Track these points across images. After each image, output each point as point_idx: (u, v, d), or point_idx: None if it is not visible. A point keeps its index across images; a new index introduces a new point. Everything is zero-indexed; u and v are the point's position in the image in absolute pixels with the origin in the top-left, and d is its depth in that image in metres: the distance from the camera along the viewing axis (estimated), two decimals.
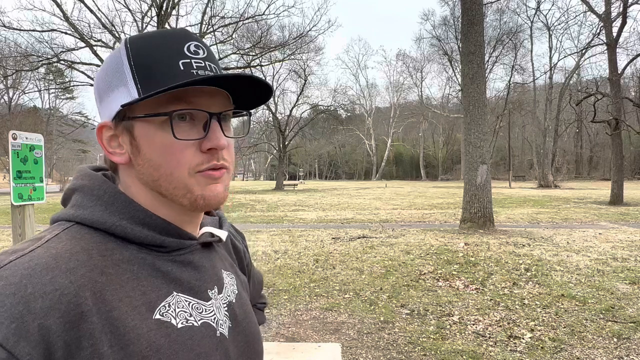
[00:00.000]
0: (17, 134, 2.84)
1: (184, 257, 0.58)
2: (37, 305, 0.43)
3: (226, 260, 0.70)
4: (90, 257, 0.49)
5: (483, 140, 9.20)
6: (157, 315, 0.51)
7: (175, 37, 0.55)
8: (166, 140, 0.53)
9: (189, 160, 0.53)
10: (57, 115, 44.93)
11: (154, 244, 0.55)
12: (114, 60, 0.55)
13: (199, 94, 0.53)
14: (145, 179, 0.55)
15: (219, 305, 0.61)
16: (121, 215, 0.53)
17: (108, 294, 0.48)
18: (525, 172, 47.61)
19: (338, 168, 72.09)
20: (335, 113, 41.15)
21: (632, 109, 31.99)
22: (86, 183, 0.56)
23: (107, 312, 0.47)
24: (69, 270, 0.46)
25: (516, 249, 6.93)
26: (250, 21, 19.97)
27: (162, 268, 0.55)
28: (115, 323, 0.47)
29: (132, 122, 0.54)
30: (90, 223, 0.52)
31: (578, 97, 22.78)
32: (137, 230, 0.53)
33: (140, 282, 0.52)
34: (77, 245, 0.49)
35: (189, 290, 0.57)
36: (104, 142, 0.57)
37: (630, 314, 4.02)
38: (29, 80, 38.37)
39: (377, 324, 3.91)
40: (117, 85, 0.54)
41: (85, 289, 0.46)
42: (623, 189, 15.77)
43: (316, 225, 10.68)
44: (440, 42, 40.45)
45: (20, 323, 0.41)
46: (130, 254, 0.53)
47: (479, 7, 9.39)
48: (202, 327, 0.56)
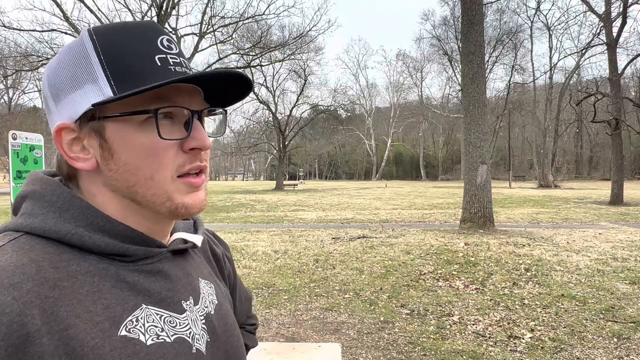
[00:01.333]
0: (17, 134, 2.84)
1: (152, 266, 0.52)
2: None
3: (204, 268, 0.65)
4: (39, 270, 0.43)
5: (483, 140, 9.20)
6: (123, 331, 0.46)
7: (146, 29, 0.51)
8: (147, 141, 0.48)
9: (171, 162, 0.49)
10: None
11: (117, 253, 0.49)
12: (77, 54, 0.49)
13: (178, 91, 0.50)
14: (118, 185, 0.50)
15: (195, 317, 0.55)
16: (77, 222, 0.48)
17: (62, 310, 0.42)
18: (525, 172, 47.61)
19: (338, 168, 72.09)
20: (335, 113, 41.14)
21: (632, 109, 31.98)
22: (37, 188, 0.50)
23: (61, 330, 0.41)
24: (12, 286, 0.40)
25: (516, 249, 6.93)
26: (250, 21, 20.00)
27: (128, 279, 0.49)
28: (71, 343, 0.41)
29: (103, 122, 0.48)
30: (42, 232, 0.46)
31: (578, 97, 22.79)
32: (96, 238, 0.48)
33: (102, 295, 0.46)
34: (25, 257, 0.43)
35: (160, 302, 0.51)
36: (64, 147, 0.50)
37: (630, 314, 4.02)
38: (29, 80, 38.31)
39: (377, 324, 3.91)
40: (84, 82, 0.48)
41: (32, 306, 0.40)
42: (623, 189, 15.77)
43: (316, 225, 10.68)
44: (440, 42, 40.47)
45: None
46: (90, 265, 0.47)
47: (479, 7, 9.39)
48: (176, 343, 0.50)
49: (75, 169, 0.51)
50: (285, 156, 33.48)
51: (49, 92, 0.51)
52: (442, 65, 45.96)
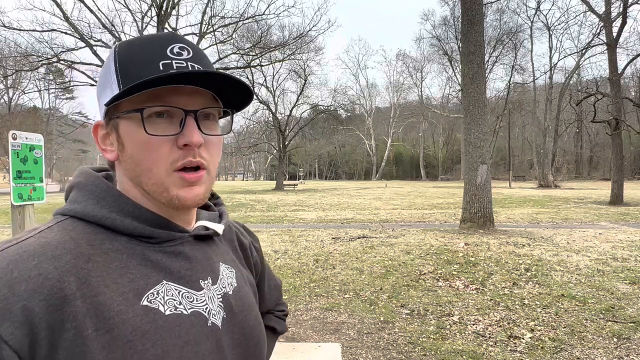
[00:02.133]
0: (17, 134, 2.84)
1: (174, 248, 0.59)
2: (20, 288, 0.45)
3: (227, 255, 0.71)
4: (77, 246, 0.52)
5: (483, 140, 9.20)
6: (145, 301, 0.53)
7: (161, 39, 0.57)
8: (143, 137, 0.54)
9: (165, 156, 0.55)
10: (57, 115, 44.95)
11: (143, 235, 0.57)
12: (106, 64, 0.59)
13: (176, 93, 0.55)
14: (130, 175, 0.58)
15: (212, 295, 0.61)
16: (111, 208, 0.56)
17: (93, 279, 0.50)
18: (525, 172, 47.59)
19: (338, 168, 72.08)
20: (335, 113, 41.12)
21: (632, 109, 31.97)
22: (82, 180, 0.60)
23: (92, 296, 0.49)
24: (55, 257, 0.49)
25: (516, 249, 6.93)
26: (250, 21, 19.98)
27: (152, 258, 0.56)
28: (100, 307, 0.49)
29: (118, 120, 0.57)
30: (83, 216, 0.56)
31: (578, 97, 22.78)
32: (126, 222, 0.56)
33: (129, 270, 0.54)
34: (67, 235, 0.52)
35: (180, 280, 0.58)
36: (99, 140, 0.60)
37: (630, 314, 4.02)
38: (29, 80, 38.37)
39: (377, 324, 3.91)
40: (106, 87, 0.57)
41: (69, 274, 0.48)
42: (623, 189, 15.76)
43: (316, 225, 10.68)
44: (440, 42, 40.45)
45: (4, 305, 0.44)
46: (120, 244, 0.55)
47: (479, 7, 9.39)
48: (192, 315, 0.56)
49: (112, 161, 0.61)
50: (285, 156, 33.47)
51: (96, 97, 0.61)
52: (442, 65, 45.96)
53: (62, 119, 44.36)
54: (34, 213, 3.01)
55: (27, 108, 38.23)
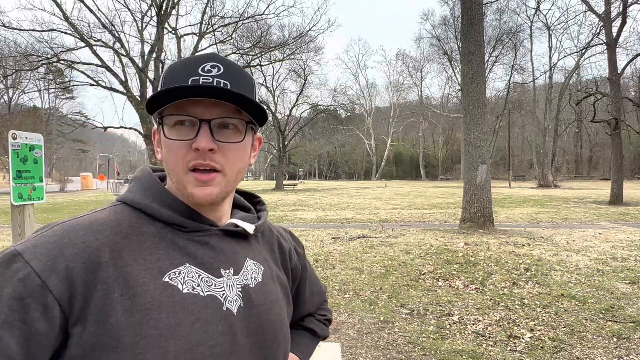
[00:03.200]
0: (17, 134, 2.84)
1: (202, 238, 0.68)
2: (68, 251, 0.56)
3: (259, 254, 0.77)
4: (119, 225, 0.63)
5: (483, 140, 9.20)
6: (166, 279, 0.61)
7: (199, 59, 0.66)
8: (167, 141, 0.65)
9: (182, 158, 0.64)
10: (57, 115, 44.93)
11: (176, 223, 0.66)
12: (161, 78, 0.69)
13: (197, 104, 0.63)
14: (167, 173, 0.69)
15: (231, 284, 0.67)
16: (154, 198, 0.67)
17: (126, 253, 0.60)
18: (525, 172, 47.58)
19: (338, 168, 72.06)
20: (335, 113, 41.10)
21: (632, 109, 31.98)
22: (139, 175, 0.73)
23: (122, 267, 0.58)
24: (98, 231, 0.60)
25: (516, 249, 6.93)
26: (250, 21, 19.96)
27: (180, 244, 0.65)
28: (127, 277, 0.58)
29: (161, 126, 0.66)
30: (132, 203, 0.67)
31: (578, 97, 22.78)
32: (163, 211, 0.66)
33: (158, 251, 0.63)
34: (113, 216, 0.64)
35: (202, 265, 0.65)
36: (155, 143, 0.72)
37: (630, 314, 4.02)
38: (29, 80, 38.37)
39: (377, 324, 3.91)
40: None
41: (106, 246, 0.59)
42: (623, 189, 15.76)
43: (316, 225, 10.68)
44: (440, 42, 40.46)
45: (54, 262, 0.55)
46: (156, 229, 0.65)
47: (479, 7, 9.38)
48: (208, 298, 0.63)
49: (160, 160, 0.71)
50: (285, 156, 33.46)
51: None
52: (442, 65, 45.98)
53: (62, 119, 44.31)
54: (34, 213, 3.01)
55: (27, 108, 38.22)
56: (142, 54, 16.42)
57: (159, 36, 15.81)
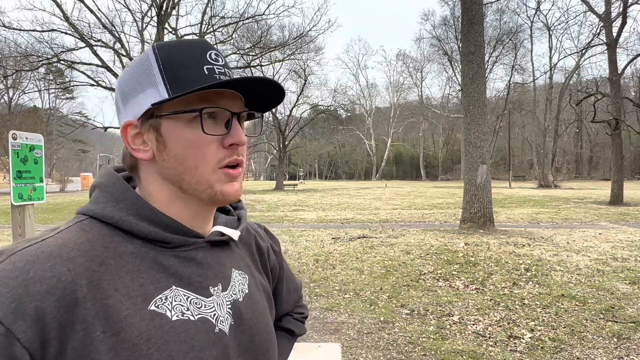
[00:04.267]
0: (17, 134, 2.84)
1: (187, 253, 0.60)
2: (35, 288, 0.46)
3: (242, 260, 0.71)
4: (92, 248, 0.52)
5: (483, 140, 9.20)
6: (152, 306, 0.53)
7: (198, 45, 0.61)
8: (194, 136, 0.57)
9: (212, 155, 0.58)
10: (57, 115, 44.94)
11: (158, 240, 0.58)
12: (143, 64, 0.59)
13: (221, 96, 0.59)
14: (169, 174, 0.59)
15: (221, 302, 0.61)
16: (129, 211, 0.57)
17: (105, 282, 0.51)
18: (525, 172, 47.58)
19: (338, 168, 72.07)
20: (335, 113, 41.11)
21: (632, 109, 31.96)
22: (104, 181, 0.60)
23: (102, 299, 0.50)
24: (69, 259, 0.50)
25: (516, 249, 6.92)
26: (250, 21, 19.95)
27: (164, 262, 0.57)
28: (109, 310, 0.50)
29: (160, 120, 0.58)
30: (101, 217, 0.56)
31: (578, 97, 22.78)
32: (142, 226, 0.56)
33: (140, 274, 0.54)
34: (83, 237, 0.53)
35: (189, 286, 0.58)
36: (129, 140, 0.60)
37: (630, 314, 4.02)
38: (29, 80, 38.39)
39: (377, 324, 3.91)
40: (146, 87, 0.58)
41: (82, 277, 0.49)
42: (623, 189, 15.76)
43: (316, 225, 10.68)
44: (440, 42, 40.46)
45: (19, 304, 0.45)
46: (135, 248, 0.56)
47: (479, 7, 9.38)
48: (199, 321, 0.57)
49: (137, 160, 0.61)
50: (285, 156, 33.47)
51: (119, 96, 0.61)
52: (442, 65, 45.97)
53: (62, 119, 44.33)
54: (34, 213, 3.01)
55: (27, 108, 38.21)
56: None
57: (159, 36, 15.80)
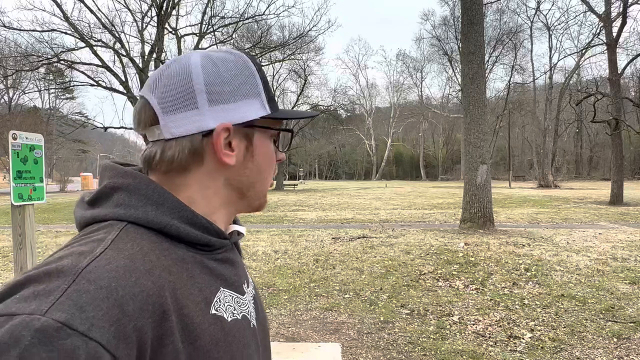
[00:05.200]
0: (17, 134, 2.84)
1: (223, 255, 0.61)
2: (129, 307, 0.43)
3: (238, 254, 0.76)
4: (158, 258, 0.50)
5: (483, 140, 9.20)
6: (213, 310, 0.54)
7: None
8: (271, 150, 0.63)
9: (274, 168, 0.65)
10: (57, 115, 44.92)
11: (201, 243, 0.56)
12: (244, 70, 0.58)
13: None
14: (243, 181, 0.61)
15: (250, 298, 0.65)
16: (172, 215, 0.54)
17: (178, 292, 0.50)
18: (525, 172, 47.58)
19: (338, 168, 72.06)
20: (335, 113, 41.12)
21: (632, 109, 31.96)
22: (130, 182, 0.55)
23: (179, 309, 0.49)
24: (148, 272, 0.47)
25: (516, 249, 6.93)
26: (250, 21, 19.96)
27: (209, 265, 0.57)
28: (185, 320, 0.49)
29: (254, 130, 0.60)
30: (145, 223, 0.52)
31: (578, 97, 22.78)
32: (188, 230, 0.54)
33: (195, 280, 0.54)
34: (145, 246, 0.50)
35: (231, 286, 0.60)
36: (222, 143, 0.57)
37: (630, 314, 4.02)
38: (29, 80, 38.37)
39: (377, 324, 3.91)
40: (249, 95, 0.58)
41: (165, 289, 0.48)
42: (623, 189, 15.76)
43: (316, 225, 10.68)
44: (440, 42, 40.50)
45: (118, 326, 0.41)
46: (183, 253, 0.54)
47: (479, 7, 9.39)
48: (243, 319, 0.60)
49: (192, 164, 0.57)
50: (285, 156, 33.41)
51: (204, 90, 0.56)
52: (442, 65, 46.05)
53: (62, 119, 44.28)
54: (34, 213, 3.01)
55: (27, 108, 38.23)
56: (142, 54, 16.42)
57: (159, 36, 15.81)
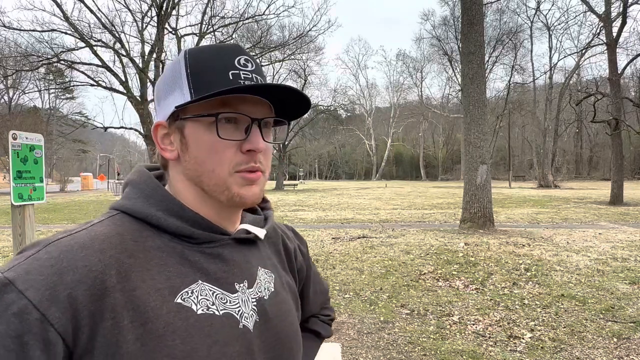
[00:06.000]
0: (17, 134, 2.84)
1: (213, 249, 0.62)
2: (68, 277, 0.49)
3: (268, 259, 0.73)
4: (122, 241, 0.55)
5: (483, 140, 9.20)
6: (179, 299, 0.55)
7: (228, 50, 0.62)
8: (211, 139, 0.58)
9: (229, 159, 0.59)
10: (57, 115, 44.91)
11: (185, 235, 0.60)
12: (175, 68, 0.62)
13: (243, 101, 0.59)
14: (190, 175, 0.61)
15: (246, 299, 0.63)
16: (158, 207, 0.60)
17: (133, 274, 0.53)
18: (525, 172, 47.60)
19: (338, 168, 72.07)
20: (335, 113, 41.14)
21: (632, 109, 31.97)
22: (135, 178, 0.64)
23: (130, 290, 0.52)
24: (100, 251, 0.52)
25: (516, 249, 6.93)
26: (250, 21, 19.95)
27: (191, 257, 0.59)
28: (136, 301, 0.52)
29: (184, 122, 0.60)
30: (132, 212, 0.59)
31: (578, 97, 22.79)
32: (170, 221, 0.59)
33: (167, 268, 0.57)
34: (114, 230, 0.56)
35: (215, 281, 0.60)
36: (158, 139, 0.63)
37: (630, 314, 4.02)
38: (29, 80, 38.33)
39: (377, 324, 3.91)
40: (174, 90, 0.61)
41: (112, 268, 0.52)
42: (623, 189, 15.76)
43: (316, 225, 10.68)
44: (440, 42, 40.44)
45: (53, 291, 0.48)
46: (162, 242, 0.58)
47: (479, 7, 9.38)
48: (224, 317, 0.59)
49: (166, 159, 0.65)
50: (285, 156, 33.49)
51: (156, 97, 0.65)
52: (442, 65, 45.97)
53: (62, 119, 44.28)
54: (34, 213, 3.01)
55: (27, 108, 38.22)
56: (142, 54, 16.42)
57: (159, 36, 15.81)
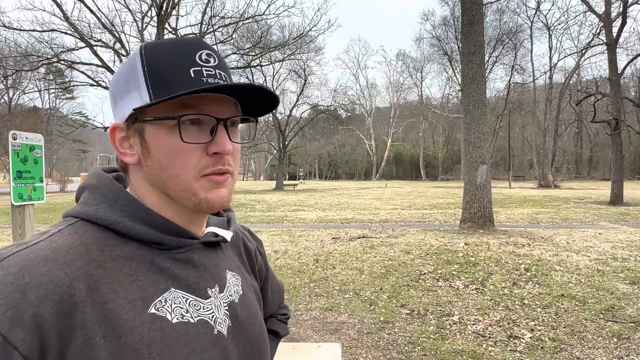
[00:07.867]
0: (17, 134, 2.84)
1: (184, 255, 0.59)
2: (32, 294, 0.44)
3: (233, 262, 0.71)
4: (88, 252, 0.51)
5: (483, 140, 9.19)
6: (152, 309, 0.52)
7: (188, 45, 0.57)
8: (174, 143, 0.54)
9: (195, 163, 0.55)
10: (57, 115, 44.91)
11: (154, 241, 0.56)
12: (129, 66, 0.57)
13: (207, 100, 0.55)
14: (153, 180, 0.57)
15: (218, 303, 0.61)
16: (123, 212, 0.55)
17: (103, 286, 0.49)
18: (525, 172, 47.59)
19: (338, 168, 72.06)
20: (335, 113, 41.15)
21: (632, 109, 31.97)
22: (94, 182, 0.58)
23: (102, 304, 0.48)
24: (66, 263, 0.48)
25: (516, 249, 6.93)
26: (250, 21, 19.96)
27: (161, 265, 0.56)
28: (108, 315, 0.48)
29: (143, 124, 0.56)
30: (94, 219, 0.54)
31: (578, 97, 22.80)
32: (137, 228, 0.55)
33: (137, 277, 0.53)
34: (77, 240, 0.51)
35: (187, 288, 0.57)
36: (116, 143, 0.59)
37: (630, 314, 4.02)
38: (29, 80, 38.35)
39: (377, 324, 3.91)
40: (131, 90, 0.56)
41: (80, 281, 0.47)
42: (623, 189, 15.75)
43: (316, 225, 10.68)
44: (440, 42, 40.43)
45: (15, 311, 0.43)
46: (130, 250, 0.54)
47: (479, 7, 9.38)
48: (199, 324, 0.56)
49: (127, 163, 0.60)
50: (285, 156, 33.48)
51: (111, 97, 0.60)
52: (442, 65, 45.92)
53: (62, 119, 44.29)
54: (34, 213, 3.01)
55: (27, 108, 38.17)
56: None
57: (159, 36, 15.80)
